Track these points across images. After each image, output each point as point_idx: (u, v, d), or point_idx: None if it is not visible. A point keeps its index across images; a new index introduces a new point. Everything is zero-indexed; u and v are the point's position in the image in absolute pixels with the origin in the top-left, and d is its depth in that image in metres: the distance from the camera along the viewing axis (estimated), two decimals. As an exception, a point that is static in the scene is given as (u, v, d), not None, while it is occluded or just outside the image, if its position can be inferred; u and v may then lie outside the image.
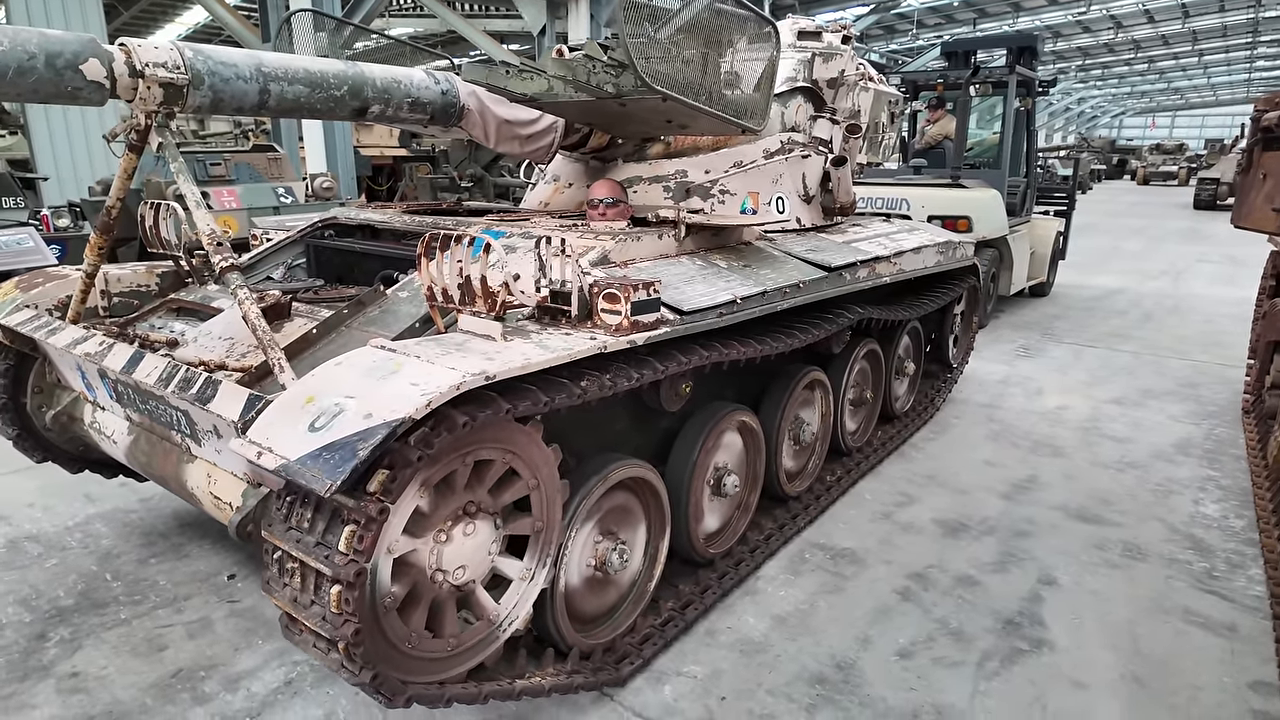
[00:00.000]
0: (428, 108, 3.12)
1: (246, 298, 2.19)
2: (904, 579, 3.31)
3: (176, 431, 2.45)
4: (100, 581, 3.24)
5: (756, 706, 2.54)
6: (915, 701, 2.58)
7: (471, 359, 1.91)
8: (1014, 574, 3.38)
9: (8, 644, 2.82)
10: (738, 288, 2.90)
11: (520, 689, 2.29)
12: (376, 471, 1.70)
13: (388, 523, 1.78)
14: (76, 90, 2.13)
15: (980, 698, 2.61)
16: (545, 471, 2.25)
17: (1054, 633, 2.97)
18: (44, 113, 8.57)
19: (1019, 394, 5.88)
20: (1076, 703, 2.60)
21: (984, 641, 2.91)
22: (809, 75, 4.30)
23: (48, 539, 3.57)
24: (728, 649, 2.83)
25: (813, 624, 2.99)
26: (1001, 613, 3.09)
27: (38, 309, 3.01)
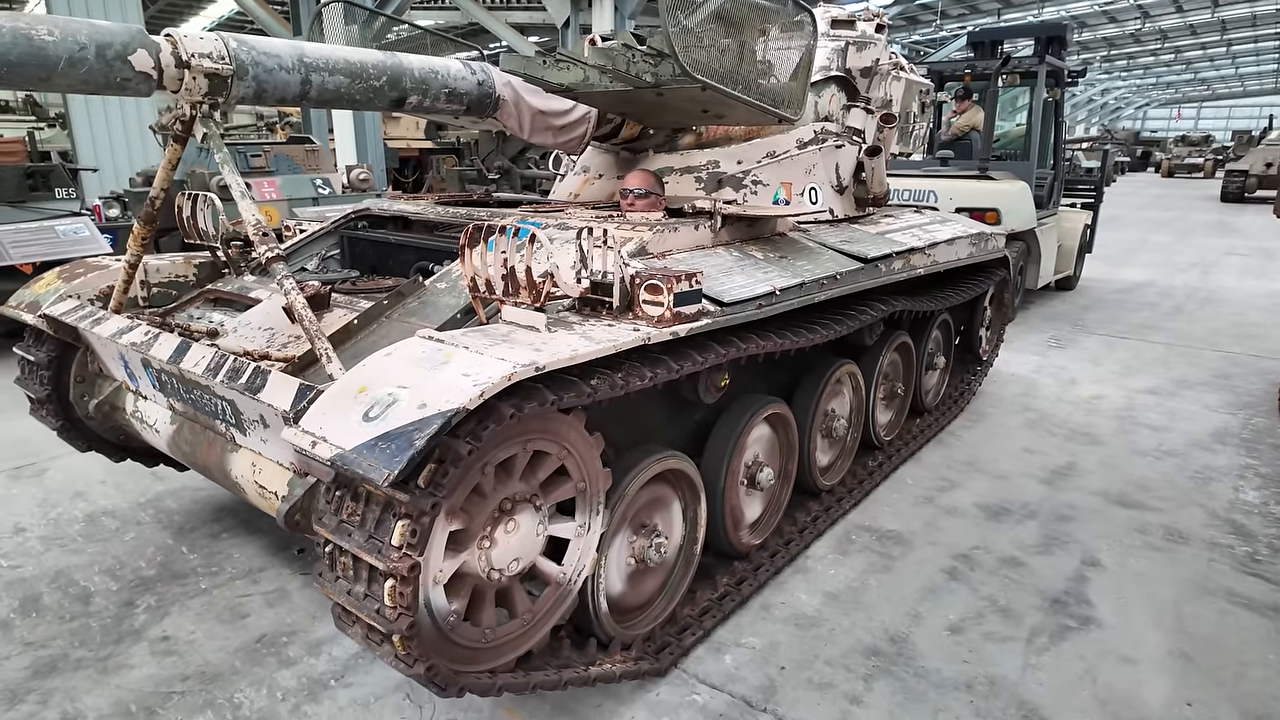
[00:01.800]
0: (464, 98, 3.10)
1: (293, 288, 2.18)
2: (950, 559, 3.37)
3: (221, 421, 2.45)
4: (177, 554, 3.38)
5: (815, 676, 2.63)
6: (969, 673, 2.65)
7: (519, 350, 1.89)
8: (1058, 556, 3.41)
9: (99, 610, 2.97)
10: (776, 279, 2.86)
11: (594, 676, 2.34)
12: (425, 465, 1.69)
13: (428, 553, 1.77)
14: (125, 81, 2.12)
15: (1031, 670, 2.67)
16: (591, 465, 2.23)
17: (1100, 611, 3.01)
18: (85, 105, 8.64)
19: (1052, 384, 5.84)
20: (1126, 677, 2.64)
21: (1032, 619, 2.96)
22: (842, 64, 4.23)
23: (122, 514, 3.71)
24: (783, 623, 2.91)
25: (864, 600, 3.06)
26: (1047, 592, 3.14)
27: (80, 299, 3.03)
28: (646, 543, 2.61)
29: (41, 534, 3.52)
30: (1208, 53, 39.66)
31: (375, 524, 1.73)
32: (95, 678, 2.59)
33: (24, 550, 3.39)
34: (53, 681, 2.57)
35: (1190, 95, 60.52)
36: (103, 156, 8.62)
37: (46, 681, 2.57)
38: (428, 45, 18.32)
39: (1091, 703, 2.52)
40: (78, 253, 5.45)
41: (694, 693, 2.53)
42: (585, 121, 3.63)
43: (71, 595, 3.06)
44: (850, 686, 2.57)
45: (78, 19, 2.07)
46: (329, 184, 7.90)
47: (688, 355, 2.42)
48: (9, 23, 1.91)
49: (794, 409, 3.40)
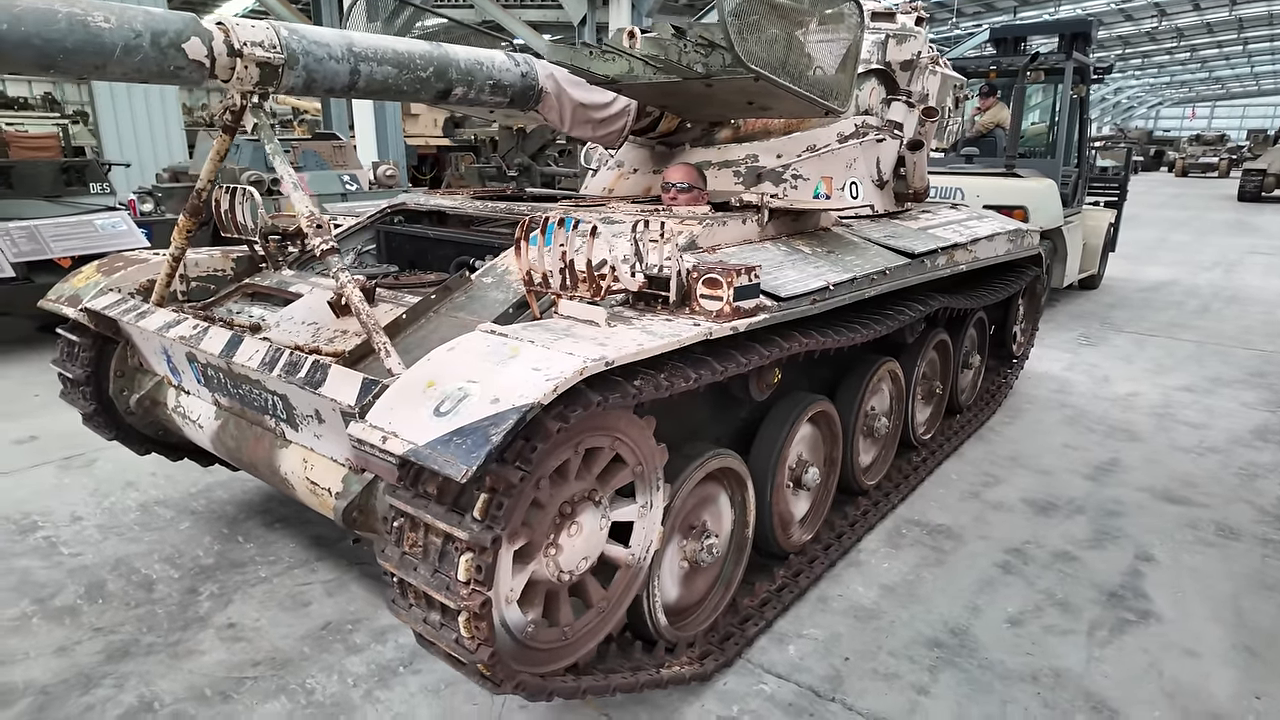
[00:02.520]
0: (508, 90, 3.05)
1: (349, 281, 2.13)
2: (1002, 553, 3.36)
3: (270, 416, 2.40)
4: (234, 543, 3.38)
5: (880, 666, 2.62)
6: (1033, 665, 2.64)
7: (584, 344, 1.83)
8: (1110, 550, 3.40)
9: (163, 597, 2.98)
10: (828, 274, 2.80)
11: (667, 678, 2.33)
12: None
13: (496, 584, 1.74)
14: (178, 70, 2.08)
15: (1095, 663, 2.66)
16: (645, 446, 2.18)
17: (1158, 605, 3.00)
18: (110, 101, 8.64)
19: (1086, 381, 5.81)
20: (1191, 670, 2.63)
21: (1090, 612, 2.95)
22: (882, 57, 4.16)
23: (175, 504, 3.73)
24: (842, 614, 2.91)
25: (920, 593, 3.06)
26: (1103, 586, 3.13)
27: (121, 293, 2.99)
28: (698, 545, 2.56)
29: (98, 523, 3.54)
30: (1223, 51, 39.32)
31: (439, 557, 1.69)
32: (167, 662, 2.61)
33: (83, 539, 3.40)
34: (126, 666, 2.59)
35: (1204, 94, 60.01)
36: (128, 152, 8.62)
37: (120, 666, 2.59)
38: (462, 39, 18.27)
39: (1159, 695, 2.51)
40: (116, 246, 5.45)
41: (761, 682, 2.52)
42: (625, 115, 3.57)
43: (134, 582, 3.07)
44: (916, 677, 2.57)
45: (132, 6, 2.02)
46: (356, 180, 7.88)
47: (745, 350, 2.36)
48: (65, 8, 1.86)
49: (837, 407, 3.34)
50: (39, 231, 5.43)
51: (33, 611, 2.88)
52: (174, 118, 9.17)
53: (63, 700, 2.42)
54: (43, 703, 2.41)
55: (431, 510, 1.70)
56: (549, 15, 19.49)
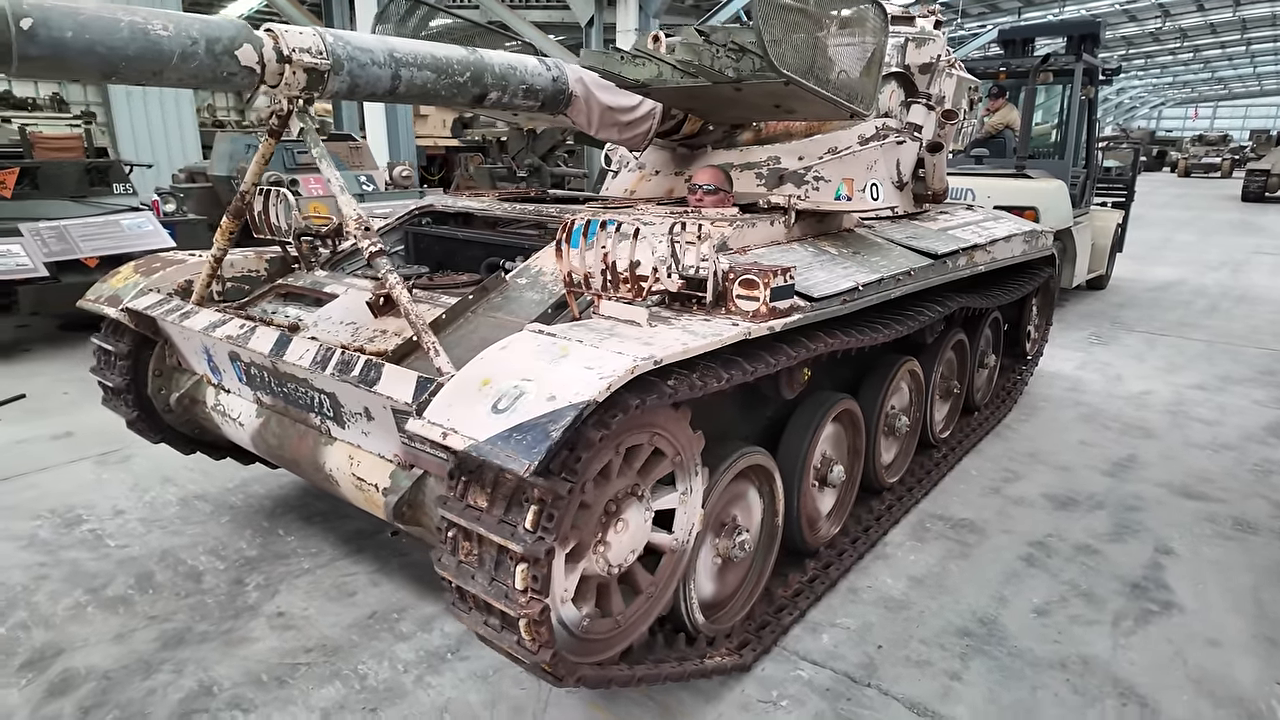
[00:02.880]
0: (539, 94, 3.09)
1: (398, 282, 2.18)
2: (1026, 546, 3.44)
3: (315, 414, 2.45)
4: (274, 536, 3.46)
5: (912, 654, 2.71)
6: (1061, 653, 2.73)
7: (631, 344, 1.88)
8: (1131, 544, 3.48)
9: (212, 587, 3.07)
10: (856, 274, 2.85)
11: (711, 669, 2.43)
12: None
13: (550, 588, 1.80)
14: (231, 75, 2.12)
15: (1122, 651, 2.75)
16: (682, 435, 2.23)
17: (1180, 596, 3.08)
18: (126, 103, 8.71)
19: (1099, 379, 5.88)
20: (1215, 658, 2.71)
21: (1114, 603, 3.03)
22: (901, 60, 4.20)
23: (214, 499, 3.80)
24: (872, 605, 3.00)
25: (948, 584, 3.14)
26: (1126, 578, 3.21)
27: (161, 292, 3.04)
28: (730, 542, 2.60)
29: (140, 516, 3.62)
30: (1227, 51, 39.31)
31: (495, 566, 1.75)
32: (222, 649, 2.69)
33: (127, 531, 3.48)
34: (182, 653, 2.68)
35: (1206, 94, 59.98)
36: (143, 153, 8.69)
37: (176, 653, 2.68)
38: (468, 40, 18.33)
39: (1185, 682, 2.59)
40: (143, 247, 5.53)
41: (797, 669, 2.61)
42: (650, 118, 3.61)
43: (182, 573, 3.16)
44: (948, 664, 2.65)
45: (188, 14, 2.07)
46: (373, 180, 7.95)
47: (774, 351, 2.41)
48: (126, 17, 1.91)
49: (860, 405, 3.38)
50: (68, 231, 5.50)
51: (87, 601, 2.96)
52: (188, 119, 9.23)
53: (124, 685, 2.51)
54: (105, 687, 2.50)
55: (484, 523, 1.75)
56: (555, 16, 19.57)
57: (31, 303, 5.75)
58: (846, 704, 2.45)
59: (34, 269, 5.16)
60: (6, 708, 2.40)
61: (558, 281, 2.56)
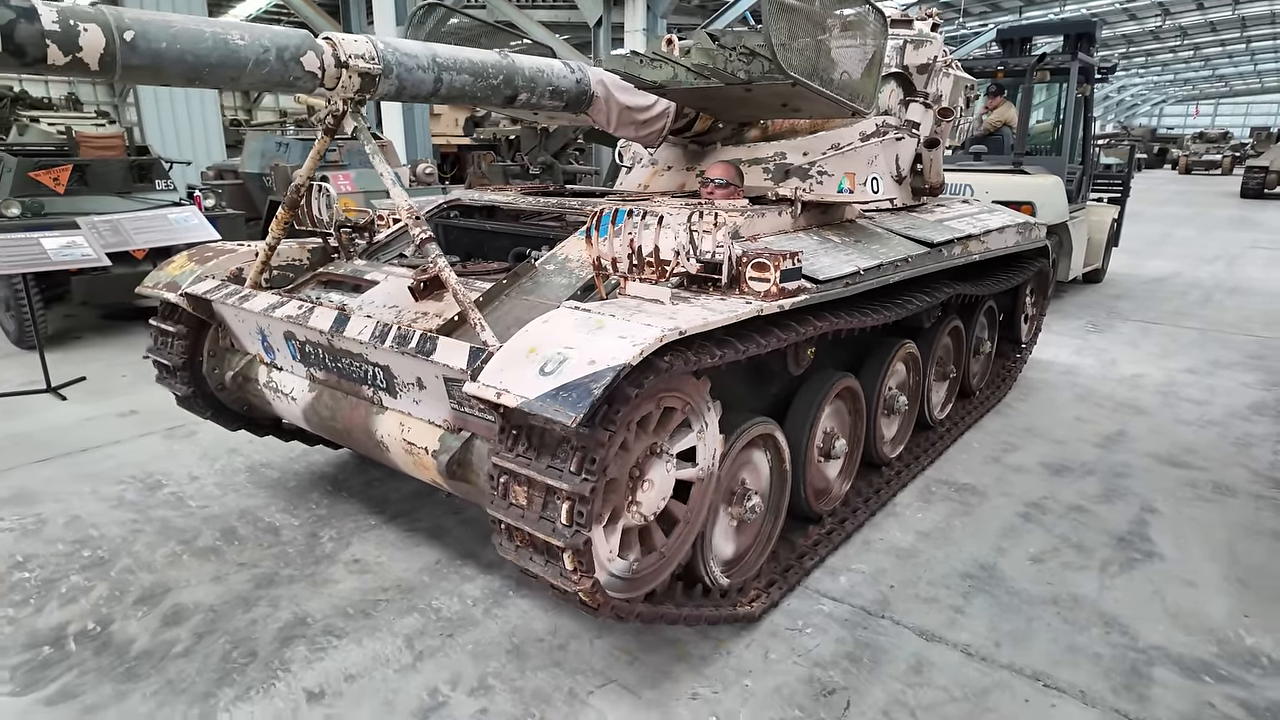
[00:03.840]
0: (564, 95, 3.31)
1: (446, 265, 2.41)
2: (1023, 506, 3.76)
3: (368, 386, 2.68)
4: (340, 497, 3.79)
5: (921, 593, 3.04)
6: (1053, 592, 3.05)
7: (658, 318, 2.10)
8: (1119, 504, 3.79)
9: (290, 539, 3.40)
10: (857, 260, 3.07)
11: (742, 614, 2.72)
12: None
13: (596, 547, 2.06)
14: (296, 80, 2.35)
15: (1108, 591, 3.07)
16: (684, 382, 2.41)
17: (1161, 547, 3.39)
18: (154, 103, 8.98)
19: (1095, 363, 6.16)
20: (1191, 596, 3.03)
21: (1102, 552, 3.34)
22: (901, 61, 4.42)
23: (279, 466, 4.12)
24: (884, 554, 3.31)
25: (952, 537, 3.46)
26: (1113, 532, 3.52)
27: (216, 279, 3.27)
28: (741, 509, 2.83)
29: (214, 481, 3.96)
30: (1227, 49, 39.33)
31: (543, 506, 1.99)
32: (309, 589, 3.01)
33: (204, 494, 3.82)
34: (275, 591, 3.00)
35: (1207, 92, 59.91)
36: (169, 152, 8.95)
37: (269, 591, 3.00)
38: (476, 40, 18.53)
39: (1163, 615, 2.91)
40: (191, 239, 5.83)
41: (819, 604, 2.94)
42: (664, 117, 3.83)
43: (261, 528, 3.48)
44: (952, 601, 2.98)
45: (259, 25, 2.30)
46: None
47: (788, 327, 2.63)
48: (209, 28, 2.14)
49: (862, 383, 3.60)
50: (122, 224, 5.79)
51: (181, 550, 3.31)
52: (213, 119, 9.49)
53: (229, 616, 2.85)
54: (213, 618, 2.84)
55: (534, 467, 1.99)
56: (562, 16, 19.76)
57: (84, 292, 6.09)
58: (864, 631, 2.78)
59: (97, 259, 5.44)
60: (128, 635, 2.74)
61: (583, 267, 2.79)
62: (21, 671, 2.55)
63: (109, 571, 3.13)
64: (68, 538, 3.39)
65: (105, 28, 1.93)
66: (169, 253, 3.65)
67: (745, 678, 2.53)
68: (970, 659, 2.65)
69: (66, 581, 3.06)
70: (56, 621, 2.81)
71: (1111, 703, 2.45)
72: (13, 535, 3.41)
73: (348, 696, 2.43)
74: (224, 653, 2.64)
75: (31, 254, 5.20)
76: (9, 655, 2.62)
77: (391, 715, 2.36)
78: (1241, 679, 2.57)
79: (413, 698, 2.42)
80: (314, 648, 2.66)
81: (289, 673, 2.54)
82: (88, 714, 2.36)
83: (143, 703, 2.41)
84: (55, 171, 6.47)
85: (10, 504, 3.70)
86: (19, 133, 12.16)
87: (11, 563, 3.19)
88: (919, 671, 2.58)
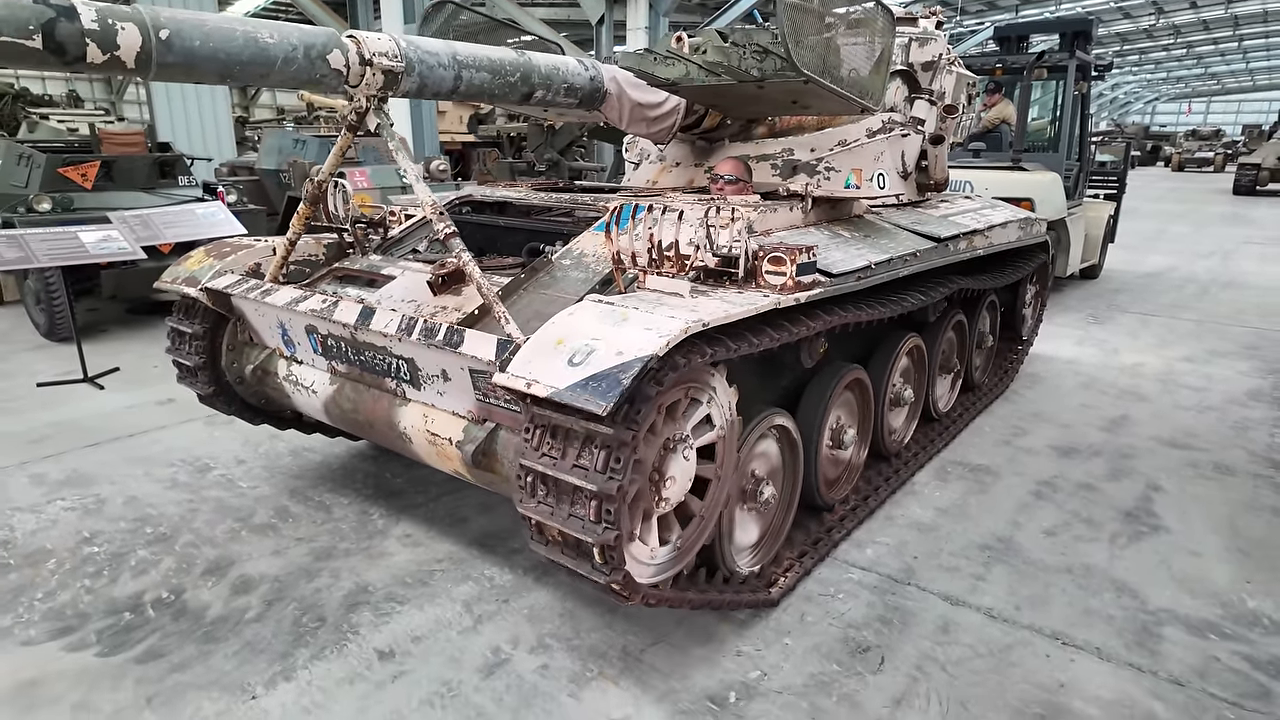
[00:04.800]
0: (578, 92, 3.32)
1: (470, 260, 2.43)
2: (1034, 484, 3.96)
3: (391, 378, 2.70)
4: (384, 479, 3.91)
5: (943, 562, 3.21)
6: (1067, 562, 3.23)
7: (680, 310, 2.13)
8: (1125, 483, 3.98)
9: (342, 517, 3.54)
10: (868, 255, 3.09)
11: (777, 597, 2.82)
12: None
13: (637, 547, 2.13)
14: (323, 77, 2.37)
15: (1118, 560, 3.25)
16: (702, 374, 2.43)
17: (1167, 521, 3.58)
18: (166, 100, 8.97)
19: (1097, 353, 6.33)
20: (1196, 565, 3.22)
21: (1111, 526, 3.53)
22: (906, 59, 4.44)
23: (320, 450, 4.23)
24: (906, 528, 3.49)
25: (969, 512, 3.64)
26: (1120, 508, 3.70)
27: (235, 274, 3.29)
28: (754, 503, 2.86)
29: (261, 464, 4.07)
30: (1219, 48, 39.33)
31: (572, 504, 2.03)
32: (366, 561, 3.16)
33: (252, 476, 3.94)
34: (334, 563, 3.14)
35: (1200, 89, 59.91)
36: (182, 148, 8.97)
37: (329, 563, 3.14)
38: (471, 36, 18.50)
39: (1169, 580, 3.10)
40: (218, 233, 5.86)
41: (848, 573, 3.11)
42: (675, 113, 3.85)
43: (313, 507, 3.62)
44: (973, 569, 3.16)
45: (286, 24, 2.32)
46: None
47: (802, 320, 2.66)
48: (240, 27, 2.16)
49: (870, 375, 3.63)
50: (151, 219, 5.84)
51: (239, 527, 3.44)
52: (224, 116, 9.50)
53: (294, 585, 2.99)
54: (279, 587, 2.98)
55: (560, 468, 2.00)
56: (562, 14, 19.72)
57: (113, 286, 6.15)
58: (892, 596, 2.95)
59: (133, 252, 5.49)
60: (201, 602, 2.89)
61: (599, 262, 2.81)
62: (107, 635, 2.69)
63: (173, 546, 3.27)
64: (129, 515, 3.53)
65: (142, 26, 1.94)
66: (194, 247, 3.67)
67: (785, 637, 2.70)
68: (993, 620, 2.82)
69: (134, 555, 3.20)
70: (131, 591, 2.95)
71: (1125, 658, 2.62)
72: (76, 514, 3.54)
73: (416, 655, 2.59)
74: (294, 618, 2.78)
75: (71, 247, 5.30)
76: (93, 621, 2.77)
77: (459, 671, 2.50)
78: (1245, 637, 2.75)
79: (477, 655, 2.58)
80: (378, 613, 2.81)
81: (358, 635, 2.69)
82: (176, 671, 2.51)
83: (226, 661, 2.56)
84: (83, 168, 6.56)
85: (69, 485, 3.83)
86: (29, 130, 12.17)
87: (80, 538, 3.32)
88: (946, 631, 2.76)
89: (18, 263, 5.11)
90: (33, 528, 3.40)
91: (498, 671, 2.50)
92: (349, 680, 2.46)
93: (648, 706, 2.35)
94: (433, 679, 2.46)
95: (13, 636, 2.67)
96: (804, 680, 2.47)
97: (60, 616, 2.78)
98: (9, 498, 3.68)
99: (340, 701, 2.37)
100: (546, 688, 2.43)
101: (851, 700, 2.39)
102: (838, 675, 2.50)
